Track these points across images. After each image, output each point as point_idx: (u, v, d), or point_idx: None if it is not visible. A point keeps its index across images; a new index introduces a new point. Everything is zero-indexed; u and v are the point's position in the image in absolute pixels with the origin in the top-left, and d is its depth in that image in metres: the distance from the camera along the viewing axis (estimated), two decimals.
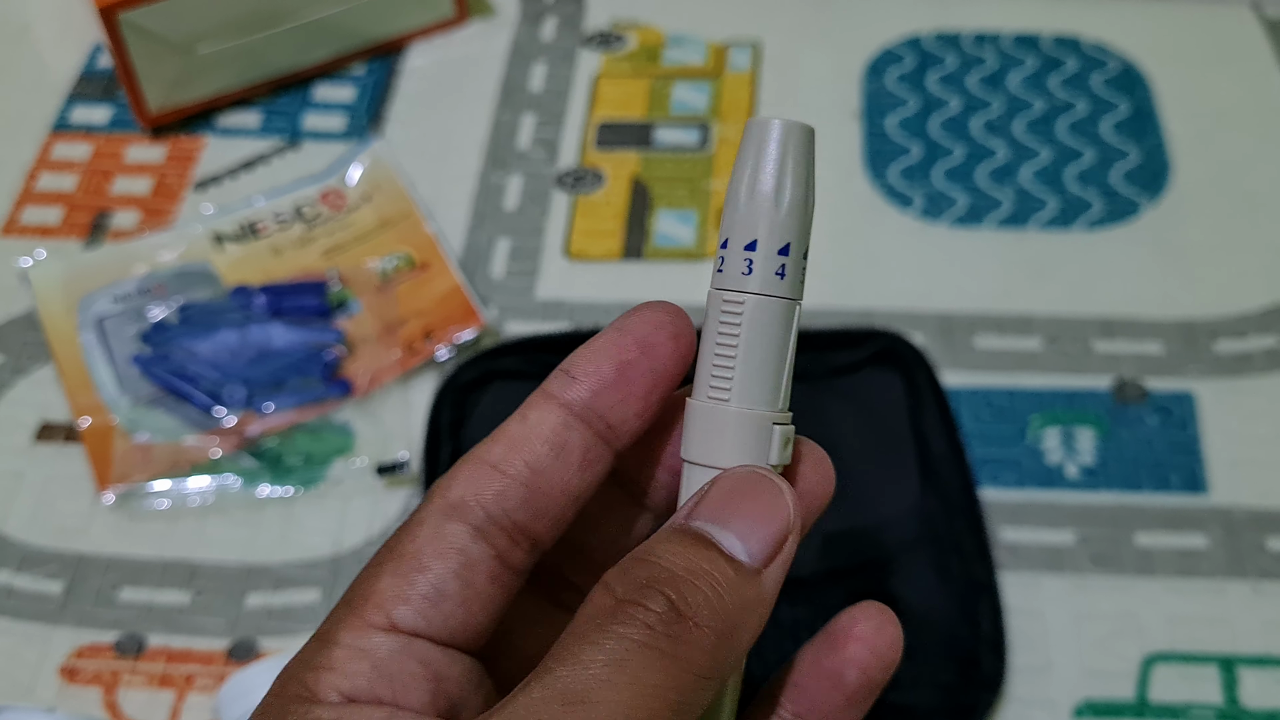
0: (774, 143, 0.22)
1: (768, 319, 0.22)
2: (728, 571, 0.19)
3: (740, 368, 0.21)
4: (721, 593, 0.19)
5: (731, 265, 0.22)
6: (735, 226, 0.22)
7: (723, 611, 0.19)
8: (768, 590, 0.20)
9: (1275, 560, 0.43)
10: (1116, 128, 0.55)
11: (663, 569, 0.19)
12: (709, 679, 0.19)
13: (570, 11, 0.61)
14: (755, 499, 0.20)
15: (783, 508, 0.20)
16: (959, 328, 0.49)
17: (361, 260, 0.51)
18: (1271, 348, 0.48)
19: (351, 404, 0.47)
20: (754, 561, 0.20)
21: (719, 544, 0.20)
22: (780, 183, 0.21)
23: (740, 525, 0.20)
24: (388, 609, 0.21)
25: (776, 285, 0.22)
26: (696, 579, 0.19)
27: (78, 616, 0.43)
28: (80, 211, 0.54)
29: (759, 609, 0.20)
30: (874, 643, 0.23)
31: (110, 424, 0.47)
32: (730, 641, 0.19)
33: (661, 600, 0.19)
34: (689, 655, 0.18)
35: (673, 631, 0.18)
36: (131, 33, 0.52)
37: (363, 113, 0.57)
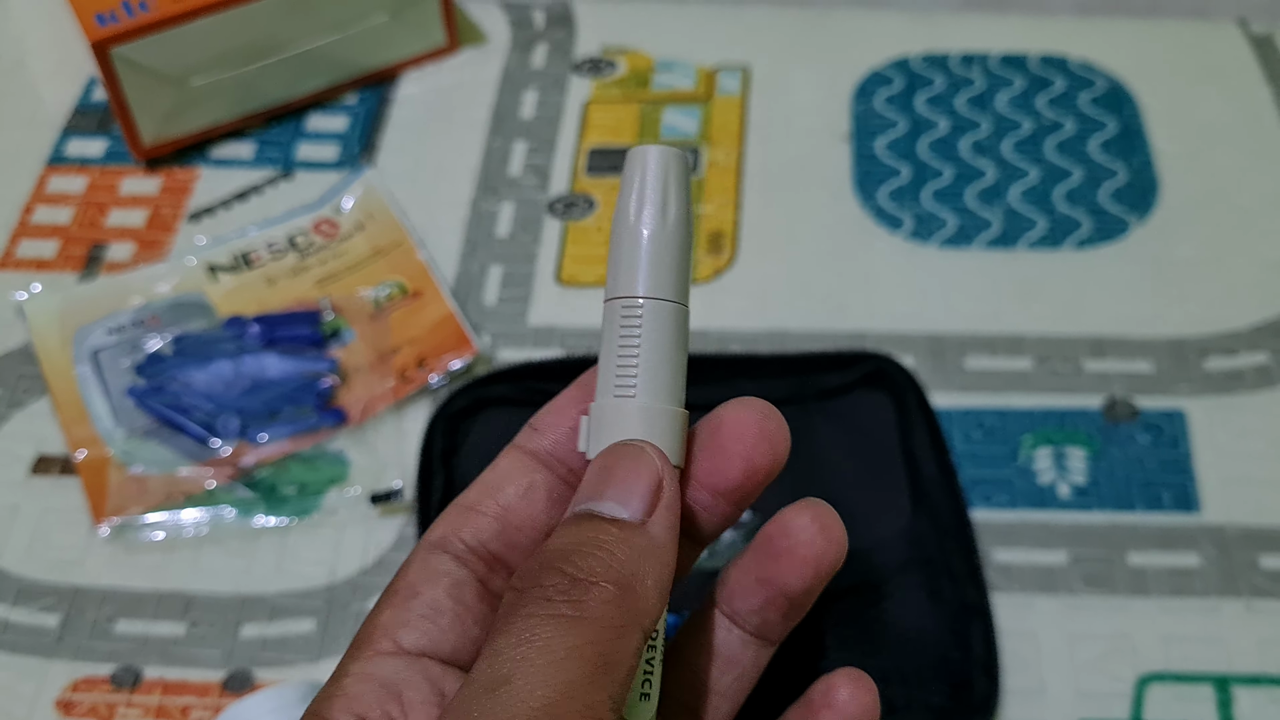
0: (653, 167, 0.24)
1: (664, 320, 0.23)
2: (612, 530, 0.21)
3: (643, 366, 0.23)
4: (611, 549, 0.20)
5: (625, 279, 0.23)
6: (624, 243, 0.24)
7: (616, 564, 0.20)
8: (658, 536, 0.21)
9: (1269, 578, 0.43)
10: (1104, 146, 0.56)
11: (553, 551, 0.21)
12: (623, 628, 0.20)
13: (561, 38, 0.61)
14: (623, 465, 0.22)
15: (647, 462, 0.22)
16: (949, 349, 0.49)
17: (354, 289, 0.51)
18: (1262, 364, 0.48)
19: (345, 433, 0.47)
20: (635, 516, 0.21)
21: (599, 513, 0.21)
22: (664, 200, 0.23)
23: (614, 491, 0.21)
24: (390, 635, 0.22)
25: (667, 291, 0.23)
26: (584, 546, 0.20)
27: (73, 649, 0.43)
28: (75, 244, 0.54)
29: (655, 554, 0.21)
30: (849, 711, 0.24)
31: (105, 456, 0.47)
32: (634, 590, 0.20)
33: (555, 574, 0.20)
34: (595, 612, 0.19)
35: (572, 596, 0.20)
36: (125, 66, 0.52)
37: (355, 142, 0.57)
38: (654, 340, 0.23)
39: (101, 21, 0.51)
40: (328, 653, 0.43)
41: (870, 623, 0.41)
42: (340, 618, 0.43)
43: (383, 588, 0.43)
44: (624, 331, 0.23)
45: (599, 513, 0.21)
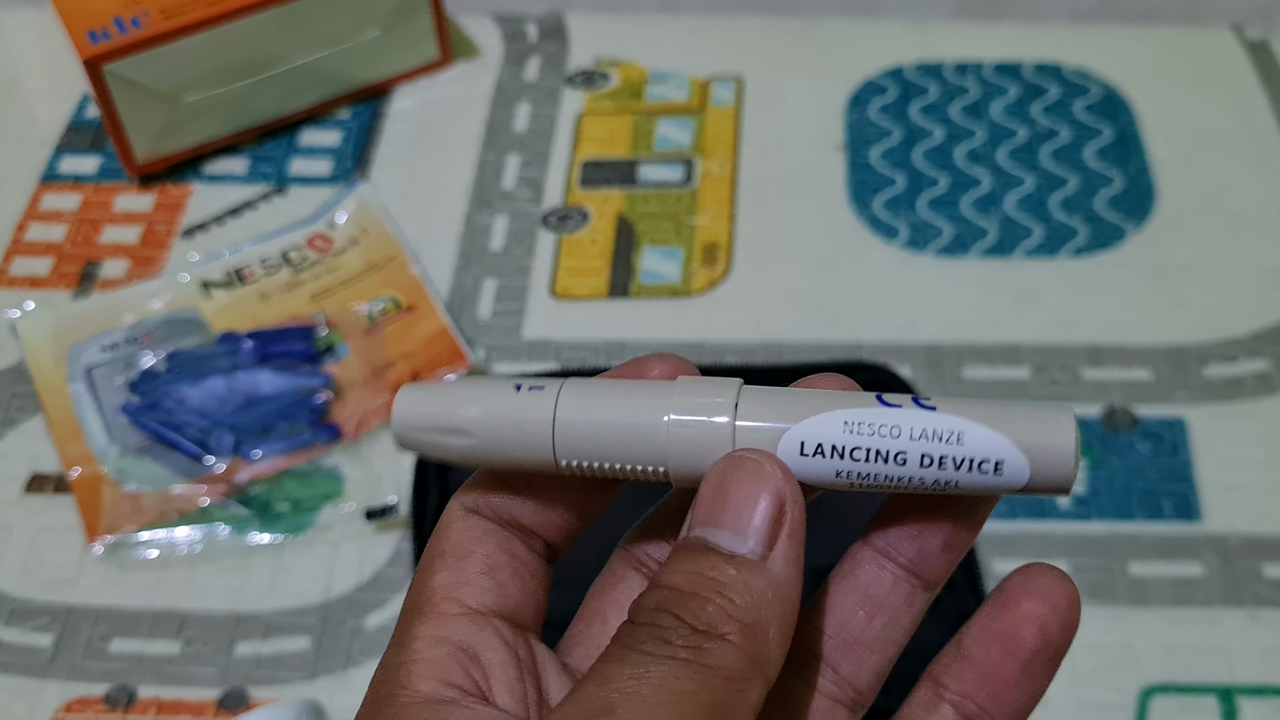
0: None
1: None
2: (729, 572, 0.19)
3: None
4: (731, 596, 0.18)
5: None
6: None
7: (738, 614, 0.18)
8: (780, 572, 0.19)
9: (1272, 587, 0.43)
10: (1100, 154, 0.56)
11: (669, 591, 0.19)
12: (744, 680, 0.18)
13: (553, 50, 0.61)
14: (738, 484, 0.19)
15: (765, 480, 0.19)
16: (947, 358, 0.49)
17: (348, 304, 0.51)
18: (1262, 371, 0.48)
19: (340, 448, 0.47)
20: (754, 552, 0.19)
21: (716, 546, 0.19)
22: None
23: (729, 518, 0.19)
24: (452, 595, 0.21)
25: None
26: (702, 590, 0.19)
27: (67, 669, 0.43)
28: (69, 262, 0.54)
29: (778, 594, 0.19)
30: (1051, 597, 0.20)
31: (99, 474, 0.47)
32: (757, 637, 0.18)
33: (673, 619, 0.18)
34: (715, 661, 0.18)
35: (691, 643, 0.18)
36: (117, 83, 0.52)
37: (349, 157, 0.57)
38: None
39: (94, 39, 0.51)
40: (323, 670, 0.42)
41: None
42: (335, 635, 0.43)
43: (379, 603, 0.44)
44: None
45: (716, 546, 0.19)
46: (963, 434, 0.19)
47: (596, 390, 0.20)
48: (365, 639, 0.43)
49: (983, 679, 0.21)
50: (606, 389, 0.20)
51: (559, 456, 0.20)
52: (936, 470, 0.19)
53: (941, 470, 0.19)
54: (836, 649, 0.22)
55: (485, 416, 0.20)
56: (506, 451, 0.20)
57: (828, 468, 0.19)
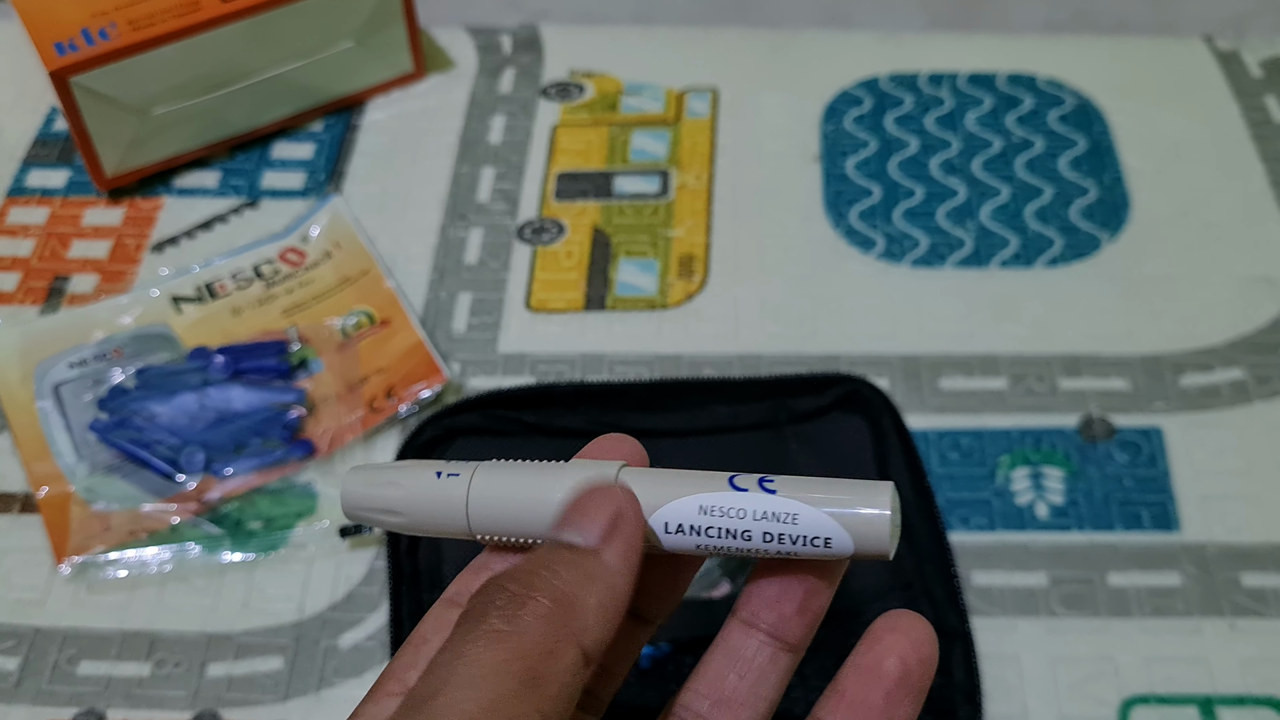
0: None
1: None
2: (562, 554, 0.21)
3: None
4: (556, 568, 0.21)
5: None
6: None
7: (558, 582, 0.21)
8: (610, 562, 0.21)
9: (1251, 597, 0.43)
10: (1074, 164, 0.56)
11: (507, 572, 0.21)
12: (556, 645, 0.20)
13: (528, 62, 0.61)
14: (589, 499, 0.22)
15: (609, 496, 0.22)
16: (924, 369, 0.49)
17: (322, 318, 0.50)
18: (1238, 380, 0.48)
19: (314, 465, 0.47)
20: (589, 542, 0.22)
21: (558, 539, 0.22)
22: None
23: (576, 520, 0.22)
24: (399, 677, 0.23)
25: None
26: (533, 566, 0.21)
27: (34, 693, 0.42)
28: (37, 277, 0.53)
29: (602, 577, 0.21)
30: (910, 634, 0.23)
31: (67, 492, 0.46)
32: (571, 607, 0.20)
33: (497, 590, 0.21)
34: (526, 627, 0.20)
35: (507, 612, 0.20)
36: (85, 96, 0.51)
37: (321, 170, 0.57)
38: None
39: (60, 51, 0.50)
40: (296, 691, 0.42)
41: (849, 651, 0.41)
42: (309, 654, 0.42)
43: (354, 622, 0.43)
44: None
45: (558, 539, 0.22)
46: (796, 515, 0.22)
47: (502, 474, 0.24)
48: (339, 659, 0.43)
49: (852, 708, 0.23)
50: (510, 474, 0.24)
51: (473, 530, 0.24)
52: (777, 544, 0.23)
53: (781, 544, 0.23)
54: (714, 707, 0.24)
55: (410, 498, 0.24)
56: (432, 528, 0.24)
57: (689, 542, 0.23)
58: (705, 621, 0.40)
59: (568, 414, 0.46)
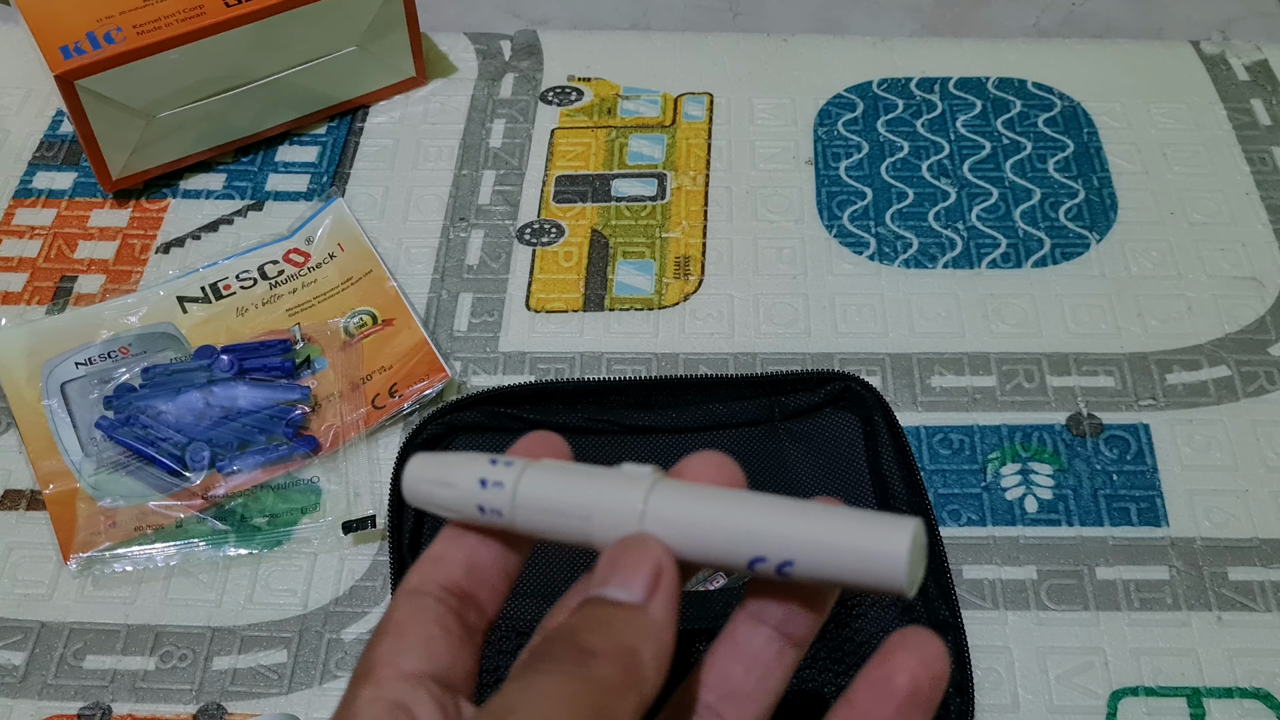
0: None
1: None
2: (615, 611, 0.23)
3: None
4: (614, 626, 0.22)
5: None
6: None
7: (616, 638, 0.22)
8: (657, 615, 0.23)
9: (1238, 590, 0.44)
10: (1063, 166, 0.57)
11: (564, 627, 0.23)
12: (621, 690, 0.21)
13: (528, 68, 0.62)
14: (627, 554, 0.23)
15: (649, 549, 0.23)
16: (915, 367, 0.50)
17: (325, 318, 0.51)
18: (1224, 377, 0.49)
19: (317, 461, 0.47)
20: (636, 598, 0.23)
21: (605, 597, 0.23)
22: None
23: (619, 577, 0.23)
24: (390, 663, 0.24)
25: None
26: (589, 623, 0.22)
27: (39, 687, 0.42)
28: (43, 277, 0.54)
29: (653, 631, 0.22)
30: (922, 652, 0.24)
31: (74, 489, 0.46)
32: (633, 660, 0.22)
33: (563, 644, 0.22)
34: (596, 674, 0.21)
35: (578, 660, 0.22)
36: (91, 99, 0.52)
37: (325, 172, 0.58)
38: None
39: (67, 54, 0.51)
40: (300, 684, 0.42)
41: (842, 643, 0.41)
42: (313, 648, 0.43)
43: (357, 615, 0.44)
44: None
45: (605, 596, 0.23)
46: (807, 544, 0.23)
47: (547, 483, 0.25)
48: (343, 652, 0.43)
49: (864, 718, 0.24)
50: (555, 483, 0.25)
51: (520, 531, 0.25)
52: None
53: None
54: (721, 699, 0.25)
55: (461, 500, 0.25)
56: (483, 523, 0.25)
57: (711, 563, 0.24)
58: (701, 615, 0.41)
59: (567, 411, 0.47)
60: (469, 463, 0.25)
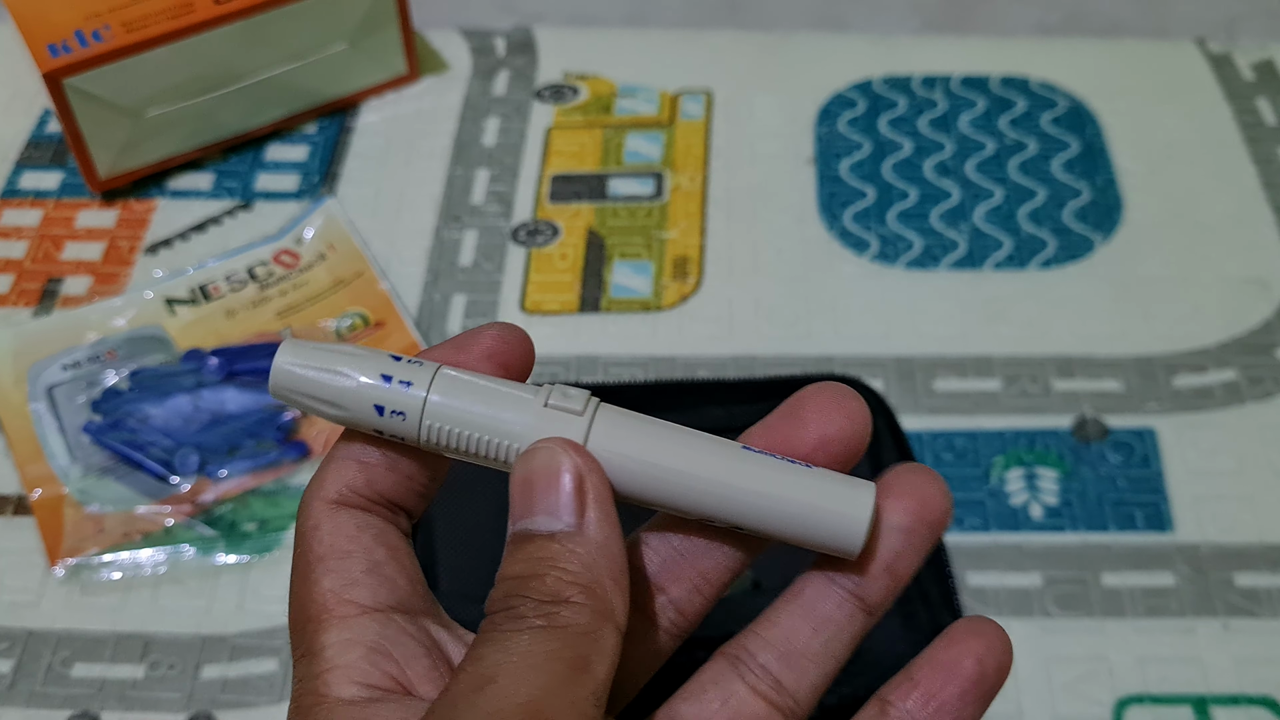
0: None
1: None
2: (554, 547, 0.21)
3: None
4: (563, 564, 0.21)
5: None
6: None
7: (574, 577, 0.21)
8: (596, 534, 0.21)
9: (1244, 597, 0.43)
10: (1067, 166, 0.56)
11: (511, 580, 0.21)
12: (596, 630, 0.20)
13: (522, 65, 0.61)
14: (537, 474, 0.21)
15: (558, 461, 0.21)
16: (918, 370, 0.49)
17: (316, 320, 0.50)
18: (1230, 381, 0.48)
19: (308, 466, 0.47)
20: (569, 524, 0.21)
21: (536, 531, 0.21)
22: None
23: (539, 503, 0.21)
24: (346, 597, 0.22)
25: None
26: (537, 570, 0.21)
27: (27, 695, 0.42)
28: (30, 279, 0.53)
29: (602, 553, 0.21)
30: (990, 638, 0.23)
31: (61, 494, 0.46)
32: (597, 593, 0.21)
33: (521, 600, 0.21)
34: (567, 622, 0.20)
35: (543, 612, 0.20)
36: (78, 98, 0.51)
37: (315, 172, 0.57)
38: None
39: (54, 52, 0.50)
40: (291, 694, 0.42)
41: None
42: None
43: None
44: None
45: (535, 531, 0.21)
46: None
47: (461, 396, 0.22)
48: None
49: (925, 699, 0.23)
50: (470, 398, 0.22)
51: (423, 444, 0.22)
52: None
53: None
54: (780, 659, 0.24)
55: (358, 396, 0.22)
56: (369, 428, 0.22)
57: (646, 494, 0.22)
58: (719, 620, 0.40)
59: None
60: (368, 357, 0.22)
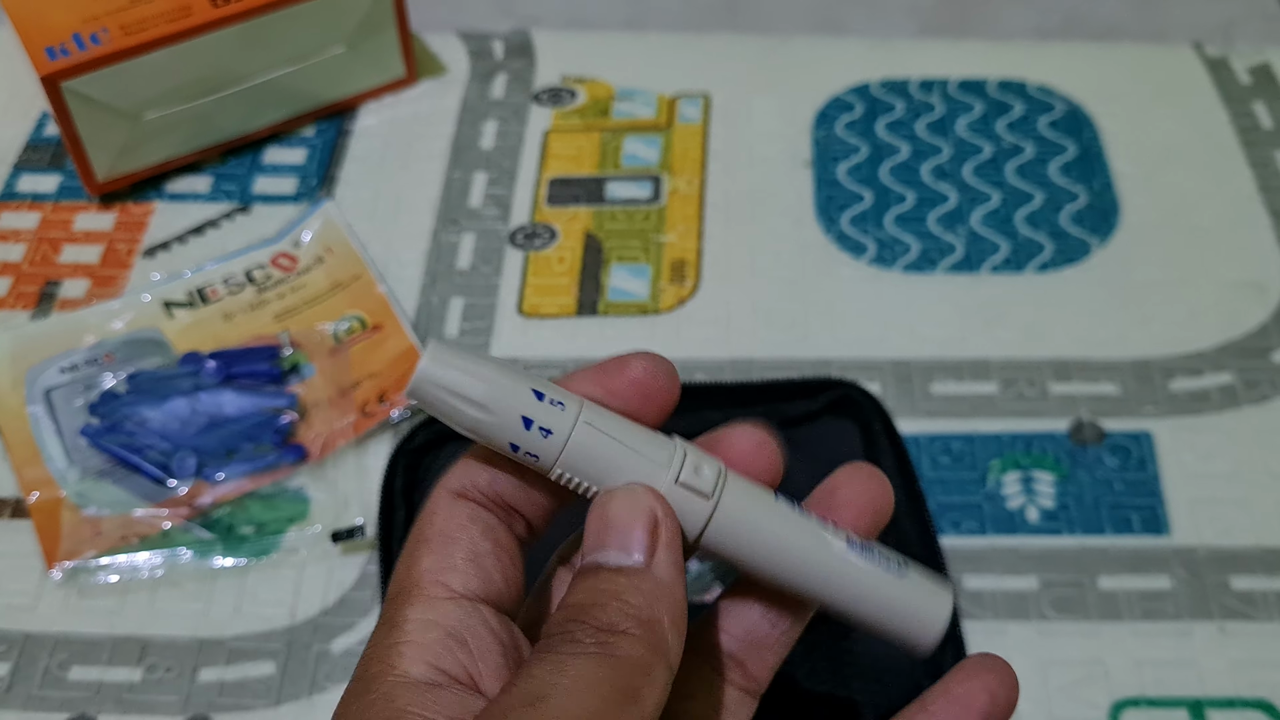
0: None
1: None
2: (620, 580, 0.22)
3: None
4: (626, 597, 0.21)
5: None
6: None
7: (634, 611, 0.21)
8: (663, 574, 0.22)
9: (1240, 600, 0.43)
10: (1065, 169, 0.56)
11: (573, 607, 0.22)
12: (650, 665, 0.21)
13: (520, 68, 0.61)
14: (616, 512, 0.22)
15: (639, 504, 0.22)
16: (915, 374, 0.49)
17: (314, 323, 0.50)
18: (1227, 384, 0.49)
19: (305, 470, 0.47)
20: (638, 561, 0.22)
21: (605, 564, 0.22)
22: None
23: (613, 539, 0.22)
24: (439, 580, 0.22)
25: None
26: (600, 600, 0.21)
27: (24, 699, 0.42)
28: (27, 282, 0.53)
29: (664, 593, 0.22)
30: (1001, 674, 0.25)
31: (59, 498, 0.46)
32: (654, 629, 0.21)
33: (581, 626, 0.21)
34: (622, 652, 0.21)
35: (600, 639, 0.21)
36: (76, 101, 0.51)
37: (313, 174, 0.57)
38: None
39: (52, 55, 0.50)
40: (288, 696, 0.42)
41: (841, 654, 0.41)
42: (301, 659, 0.42)
43: (346, 627, 0.43)
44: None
45: (605, 564, 0.22)
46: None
47: (608, 429, 0.23)
48: (332, 664, 0.42)
49: None
50: (618, 430, 0.23)
51: (554, 470, 0.23)
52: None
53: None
54: (744, 649, 0.25)
55: (502, 404, 0.22)
56: (503, 443, 0.23)
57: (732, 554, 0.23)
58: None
59: None
60: (512, 391, 0.22)
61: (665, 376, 0.24)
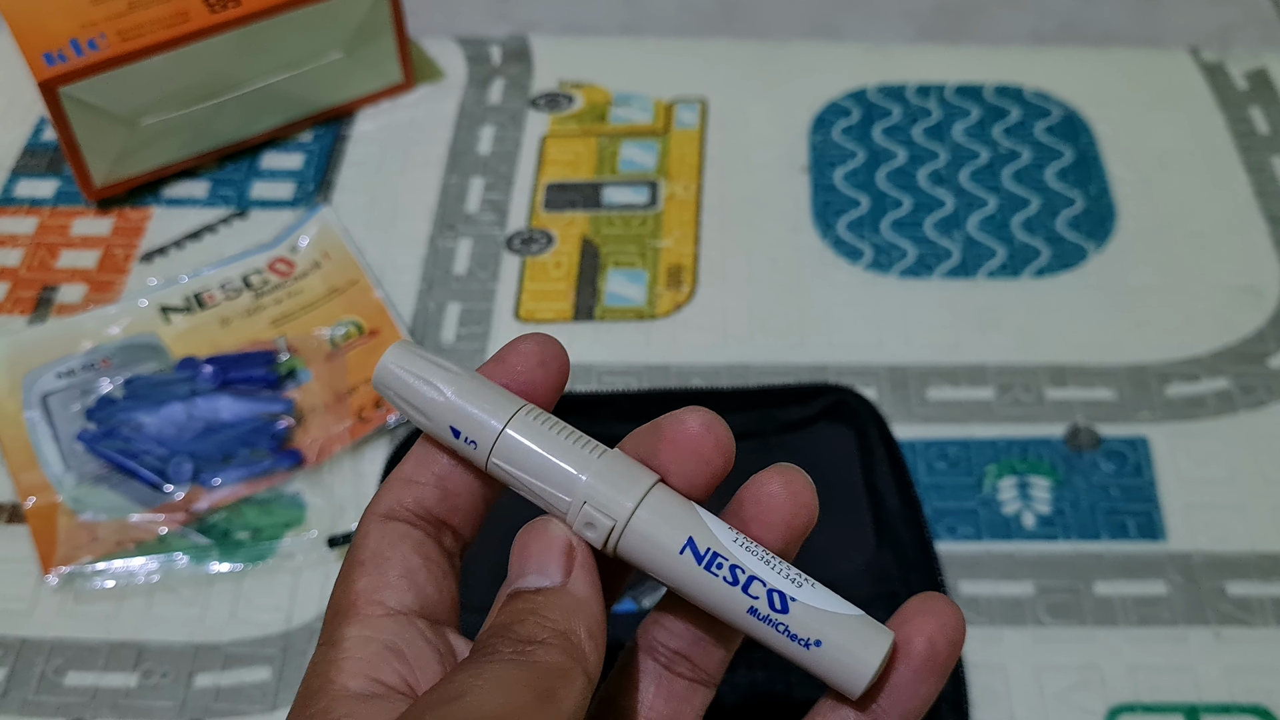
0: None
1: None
2: (538, 599, 0.23)
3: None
4: (542, 613, 0.22)
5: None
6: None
7: (551, 624, 0.22)
8: (579, 591, 0.23)
9: (1236, 605, 0.43)
10: (1061, 175, 0.56)
11: (497, 625, 0.23)
12: (566, 670, 0.21)
13: (517, 73, 0.61)
14: (531, 539, 0.23)
15: (552, 530, 0.23)
16: (911, 379, 0.49)
17: (310, 328, 0.50)
18: (1223, 390, 0.49)
19: (302, 475, 0.47)
20: (555, 581, 0.23)
21: (524, 588, 0.23)
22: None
23: (531, 565, 0.23)
24: (374, 598, 0.23)
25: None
26: (520, 617, 0.22)
27: (20, 704, 0.42)
28: (25, 287, 0.53)
29: (582, 608, 0.23)
30: (940, 616, 0.24)
31: (55, 503, 0.46)
32: (571, 640, 0.22)
33: (503, 640, 0.22)
34: (539, 659, 0.21)
35: (519, 650, 0.22)
36: (74, 106, 0.52)
37: (310, 180, 0.57)
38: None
39: (50, 61, 0.51)
40: (284, 702, 0.42)
41: None
42: (297, 665, 0.42)
43: None
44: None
45: (525, 587, 0.23)
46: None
47: (539, 432, 0.24)
48: None
49: (880, 682, 0.24)
50: (548, 435, 0.24)
51: (489, 464, 0.24)
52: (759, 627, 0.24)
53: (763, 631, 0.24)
54: (691, 644, 0.25)
55: (452, 404, 0.24)
56: (446, 445, 0.24)
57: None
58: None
59: None
60: (463, 378, 0.24)
61: (554, 353, 0.25)
